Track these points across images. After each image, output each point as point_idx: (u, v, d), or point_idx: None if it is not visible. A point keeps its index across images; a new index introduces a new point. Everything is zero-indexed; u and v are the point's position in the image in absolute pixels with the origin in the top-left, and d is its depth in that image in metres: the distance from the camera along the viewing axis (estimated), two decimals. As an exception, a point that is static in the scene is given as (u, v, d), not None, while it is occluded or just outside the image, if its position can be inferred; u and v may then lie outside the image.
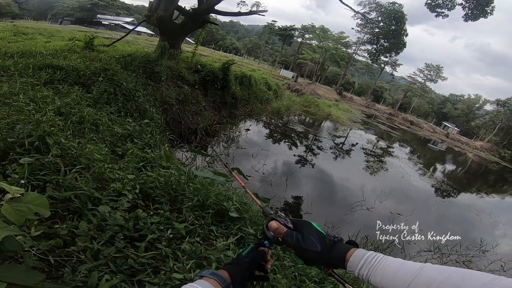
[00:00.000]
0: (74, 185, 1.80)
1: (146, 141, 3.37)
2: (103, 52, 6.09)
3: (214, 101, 9.02)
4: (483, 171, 28.03)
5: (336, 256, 0.67)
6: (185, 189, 2.32)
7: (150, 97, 5.25)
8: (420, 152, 24.02)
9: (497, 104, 49.18)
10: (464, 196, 13.32)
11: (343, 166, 10.61)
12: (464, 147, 40.90)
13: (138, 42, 18.02)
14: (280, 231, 0.75)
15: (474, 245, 6.53)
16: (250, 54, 69.84)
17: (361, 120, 27.65)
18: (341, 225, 5.59)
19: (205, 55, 20.98)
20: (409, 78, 52.96)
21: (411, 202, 8.90)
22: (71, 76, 3.87)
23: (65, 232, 1.48)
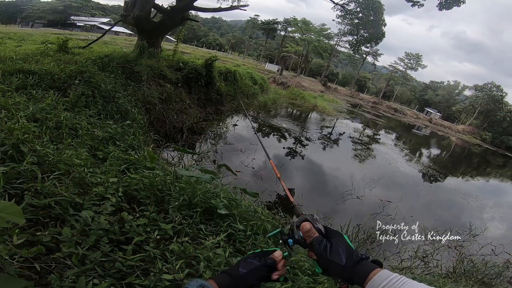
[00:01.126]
0: (53, 191, 1.75)
1: (129, 143, 3.30)
2: (79, 54, 5.87)
3: (198, 98, 8.91)
4: (467, 154, 29.15)
5: (359, 273, 0.64)
6: (171, 189, 2.29)
7: (131, 97, 5.12)
8: (405, 138, 24.69)
9: (475, 89, 51.49)
10: (450, 180, 13.72)
11: (331, 156, 10.74)
12: (447, 131, 42.45)
13: (116, 43, 17.55)
14: (311, 235, 0.72)
15: (464, 229, 6.67)
16: (234, 49, 69.40)
17: (346, 109, 28.08)
18: (332, 215, 5.62)
19: (187, 53, 20.67)
20: (391, 67, 54.62)
21: (399, 188, 9.08)
22: (45, 81, 3.71)
23: (48, 239, 1.45)
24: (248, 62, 40.79)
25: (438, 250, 5.21)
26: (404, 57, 52.54)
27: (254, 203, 3.75)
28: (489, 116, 47.10)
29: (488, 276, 4.46)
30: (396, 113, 43.90)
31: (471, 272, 4.50)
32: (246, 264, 0.72)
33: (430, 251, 5.13)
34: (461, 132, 44.44)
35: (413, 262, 4.67)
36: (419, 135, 30.73)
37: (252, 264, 0.72)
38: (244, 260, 0.74)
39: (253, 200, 3.53)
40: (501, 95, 47.16)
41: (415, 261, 4.71)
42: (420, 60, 51.48)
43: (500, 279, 4.51)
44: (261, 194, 5.39)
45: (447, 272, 4.51)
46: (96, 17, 51.04)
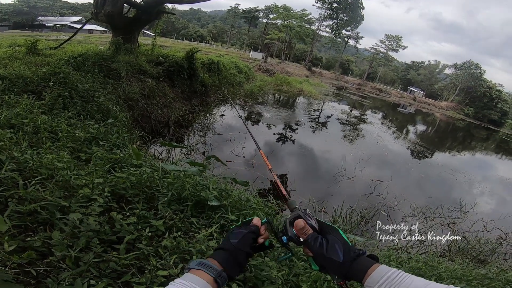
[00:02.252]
0: (38, 196, 1.72)
1: (113, 142, 3.23)
2: (50, 56, 5.64)
3: (182, 91, 8.76)
4: (452, 129, 30.13)
5: (357, 269, 0.63)
6: (160, 186, 2.27)
7: (111, 95, 4.98)
8: (391, 117, 25.17)
9: (455, 68, 53.76)
10: (438, 155, 14.08)
11: (321, 139, 10.83)
12: (431, 108, 43.69)
13: (91, 41, 16.84)
14: (306, 232, 0.70)
15: (455, 206, 6.80)
16: (216, 40, 68.05)
17: (332, 92, 28.26)
18: (325, 198, 5.68)
19: (167, 46, 20.12)
20: (372, 49, 55.98)
21: (389, 167, 9.26)
22: (16, 85, 3.55)
23: (39, 243, 1.44)
24: (231, 52, 40.19)
25: (432, 229, 5.31)
26: (384, 39, 53.96)
27: (247, 191, 3.76)
28: (470, 93, 49.12)
29: (483, 253, 4.50)
30: (381, 93, 44.88)
31: (465, 250, 4.55)
32: (235, 235, 0.73)
33: (424, 230, 5.20)
34: (445, 109, 46.05)
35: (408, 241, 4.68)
36: (405, 113, 31.42)
37: (240, 233, 0.73)
38: (231, 232, 0.75)
39: (245, 189, 3.54)
40: (479, 72, 49.23)
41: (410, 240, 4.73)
42: (400, 42, 53.02)
43: (495, 256, 4.56)
44: (253, 182, 5.40)
45: (443, 251, 4.57)
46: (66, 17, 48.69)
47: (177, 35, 59.24)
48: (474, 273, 2.45)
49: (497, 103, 46.09)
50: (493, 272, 2.51)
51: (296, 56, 56.21)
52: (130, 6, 8.65)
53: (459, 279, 2.21)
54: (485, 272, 2.51)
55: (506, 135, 38.32)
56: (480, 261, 4.32)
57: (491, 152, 22.26)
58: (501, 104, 46.11)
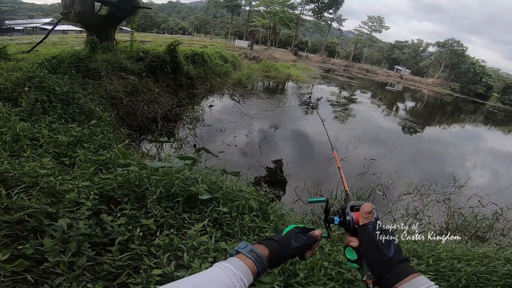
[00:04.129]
0: (24, 205, 1.69)
1: (98, 143, 3.17)
2: (23, 60, 5.42)
3: (167, 85, 8.63)
4: (440, 104, 30.60)
5: (398, 271, 0.59)
6: (148, 184, 2.25)
7: (93, 96, 4.86)
8: (380, 95, 25.33)
9: (438, 46, 54.76)
10: (428, 130, 14.25)
11: (312, 121, 10.81)
12: (418, 85, 44.34)
13: (66, 42, 16.26)
14: (369, 218, 0.69)
15: (449, 181, 6.82)
16: (199, 31, 66.43)
17: (320, 75, 28.16)
18: (320, 181, 5.67)
19: (148, 41, 19.60)
20: (356, 31, 56.79)
21: (381, 145, 9.29)
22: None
23: (32, 251, 1.44)
24: (216, 42, 39.56)
25: (428, 206, 5.33)
26: (367, 21, 55.04)
27: (240, 181, 3.74)
28: (454, 69, 50.64)
29: (481, 230, 4.51)
30: (368, 73, 45.15)
31: (463, 227, 4.57)
32: (298, 239, 0.73)
33: (420, 208, 5.24)
34: (432, 85, 46.98)
35: (406, 220, 4.76)
36: (393, 91, 31.67)
37: (303, 240, 0.74)
38: (295, 235, 0.74)
39: (237, 178, 3.53)
40: (462, 49, 50.75)
41: (407, 219, 4.81)
42: (383, 22, 54.22)
43: (493, 232, 4.58)
44: (247, 170, 5.40)
45: (441, 228, 4.61)
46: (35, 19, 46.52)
47: (158, 30, 57.58)
48: (473, 252, 2.42)
49: (481, 78, 47.65)
50: (492, 250, 2.49)
51: (282, 42, 55.63)
52: (102, 4, 8.33)
53: (457, 259, 2.19)
54: (484, 250, 2.49)
55: (493, 107, 39.40)
56: (478, 238, 4.32)
57: (480, 124, 22.71)
58: (486, 79, 47.66)
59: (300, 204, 4.65)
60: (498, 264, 2.10)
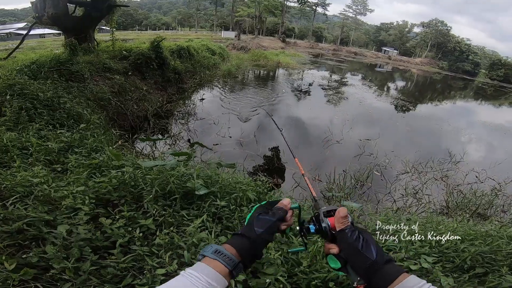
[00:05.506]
0: (21, 214, 1.69)
1: (90, 147, 3.12)
2: (0, 67, 5.26)
3: (155, 82, 8.51)
4: (430, 82, 30.86)
5: (386, 273, 0.57)
6: (143, 184, 2.23)
7: (79, 99, 4.74)
8: (370, 77, 25.36)
9: (422, 26, 55.76)
10: (421, 107, 14.34)
11: (305, 106, 10.82)
12: (407, 65, 44.64)
13: (45, 46, 15.76)
14: (345, 222, 0.66)
15: (445, 157, 6.79)
16: (183, 25, 64.82)
17: (309, 60, 28.03)
18: (318, 166, 5.63)
19: (130, 39, 19.11)
20: (341, 15, 57.97)
21: (375, 125, 9.28)
22: (-31, 104, 3.30)
23: (36, 259, 1.45)
24: (202, 35, 38.81)
25: (427, 184, 5.31)
26: (351, 4, 56.03)
27: (237, 172, 3.71)
28: (441, 48, 51.61)
29: (481, 207, 4.46)
30: (357, 56, 45.27)
31: (463, 204, 4.52)
32: (260, 222, 0.66)
33: (419, 186, 5.21)
34: (420, 64, 47.38)
35: (406, 200, 4.70)
36: (383, 72, 31.75)
37: (266, 220, 0.67)
38: (256, 218, 0.68)
39: (233, 170, 3.52)
40: (446, 29, 52.03)
41: (407, 199, 4.75)
42: (367, 5, 55.83)
43: (493, 209, 4.54)
44: (243, 161, 5.38)
45: (441, 207, 4.56)
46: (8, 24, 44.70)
47: (140, 27, 56.13)
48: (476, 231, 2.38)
49: (468, 56, 48.85)
50: (494, 228, 2.44)
51: (269, 30, 54.93)
52: (76, 5, 8.06)
53: (461, 240, 2.13)
54: (486, 229, 2.44)
55: (481, 83, 39.86)
56: (480, 216, 4.27)
57: (470, 99, 22.95)
58: (472, 56, 48.94)
59: (299, 191, 4.63)
60: (502, 243, 2.06)
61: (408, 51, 58.67)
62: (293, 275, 1.68)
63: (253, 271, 1.64)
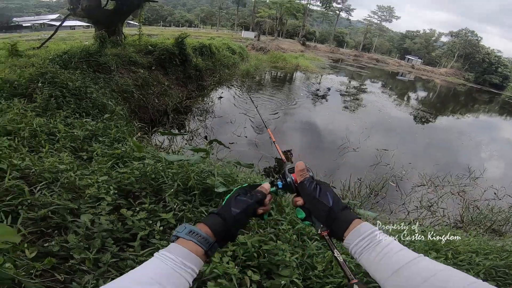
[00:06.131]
0: (47, 201, 1.71)
1: (113, 137, 3.17)
2: (34, 56, 5.45)
3: (177, 78, 8.62)
4: (453, 93, 29.75)
5: (342, 219, 0.61)
6: (164, 177, 2.24)
7: (105, 90, 4.86)
8: (391, 85, 24.72)
9: (451, 35, 53.97)
10: (442, 120, 13.83)
11: (322, 111, 10.66)
12: (431, 75, 43.15)
13: (75, 37, 16.27)
14: (304, 174, 0.70)
15: (464, 172, 6.59)
16: (205, 23, 66.03)
17: (329, 65, 27.70)
18: (332, 172, 5.57)
19: (155, 34, 19.49)
20: (365, 21, 56.86)
21: (393, 135, 9.05)
22: (5, 90, 3.44)
23: (57, 248, 1.45)
24: (223, 33, 39.18)
25: (443, 198, 5.17)
26: (377, 10, 55.10)
27: (253, 172, 3.71)
28: (468, 59, 49.60)
29: (497, 223, 4.36)
30: (378, 63, 44.37)
31: (479, 220, 4.41)
32: (238, 203, 0.66)
33: (434, 200, 5.08)
34: (444, 75, 45.82)
35: (420, 213, 4.60)
36: (404, 81, 30.90)
37: (243, 202, 0.67)
38: (234, 199, 0.68)
39: (251, 170, 3.50)
40: (476, 39, 49.87)
41: (421, 211, 4.65)
42: (393, 12, 54.51)
43: (509, 226, 4.43)
44: (258, 162, 5.39)
45: (455, 221, 4.46)
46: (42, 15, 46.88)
47: (164, 23, 57.62)
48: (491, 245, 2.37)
49: (497, 68, 46.68)
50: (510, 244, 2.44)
51: (289, 32, 54.87)
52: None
53: (475, 253, 2.15)
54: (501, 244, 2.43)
55: (509, 97, 37.98)
56: (494, 232, 4.19)
57: (495, 114, 21.89)
58: (502, 69, 46.72)
59: None
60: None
61: (433, 60, 57.06)
62: (307, 279, 1.65)
63: (267, 272, 1.62)
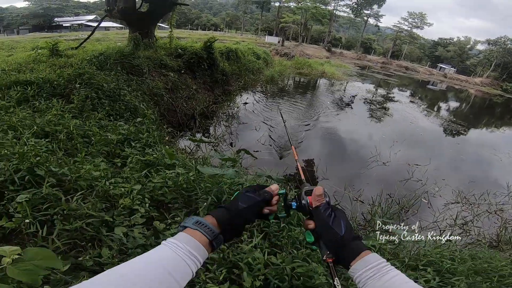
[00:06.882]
0: (82, 212, 1.66)
1: (144, 142, 3.14)
2: (73, 56, 5.65)
3: (204, 82, 8.66)
4: (489, 104, 27.86)
5: (351, 249, 0.62)
6: (196, 188, 2.13)
7: (136, 92, 4.92)
8: (421, 94, 23.63)
9: (488, 43, 50.07)
10: (477, 133, 13.08)
11: (348, 120, 10.29)
12: (464, 84, 40.56)
13: (109, 38, 17.04)
14: (321, 200, 0.70)
15: (501, 190, 6.16)
16: (230, 27, 67.42)
17: (356, 72, 27.05)
18: (360, 186, 5.34)
19: (183, 37, 20.01)
20: (395, 27, 53.93)
21: (425, 149, 8.59)
22: (44, 89, 3.53)
23: (91, 263, 1.39)
24: (247, 38, 39.62)
25: (478, 217, 4.89)
26: (407, 17, 52.11)
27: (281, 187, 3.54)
28: (507, 68, 46.15)
29: None
30: (408, 71, 42.39)
31: None
32: (246, 198, 0.69)
33: (469, 218, 4.82)
34: (480, 85, 42.65)
35: (453, 230, 4.36)
36: (435, 90, 29.33)
37: (251, 198, 0.70)
38: (243, 194, 0.71)
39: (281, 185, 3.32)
40: None
41: (454, 229, 4.41)
42: (425, 19, 51.17)
43: None
44: (282, 172, 5.26)
45: (491, 241, 4.21)
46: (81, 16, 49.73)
47: (191, 26, 59.36)
48: None
49: None
50: None
51: (314, 38, 54.40)
52: (142, 1, 8.51)
53: None
54: None
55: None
56: None
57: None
58: None
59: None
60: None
61: (467, 69, 53.51)
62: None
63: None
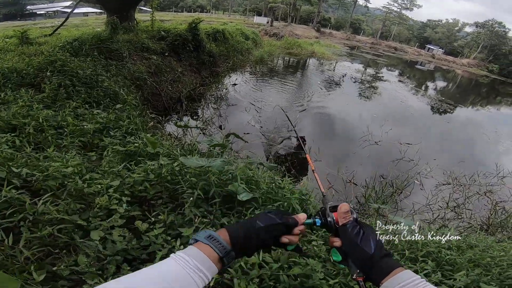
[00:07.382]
0: (51, 217, 1.48)
1: (125, 129, 2.94)
2: (45, 44, 5.30)
3: (190, 64, 8.36)
4: (475, 84, 28.44)
5: (382, 267, 0.58)
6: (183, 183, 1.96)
7: (116, 78, 4.65)
8: (410, 74, 23.75)
9: (476, 26, 50.63)
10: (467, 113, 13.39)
11: (339, 100, 10.25)
12: (452, 65, 40.96)
13: (88, 24, 16.12)
14: (347, 217, 0.67)
15: (490, 171, 6.28)
16: (217, 8, 64.54)
17: (345, 52, 26.84)
18: (353, 167, 5.35)
19: (168, 20, 19.08)
20: (384, 9, 53.56)
21: (416, 128, 8.69)
22: (11, 79, 3.25)
23: (67, 272, 1.26)
24: (235, 19, 38.31)
25: (469, 199, 4.97)
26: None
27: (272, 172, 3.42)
28: (493, 50, 46.62)
29: None
30: (397, 51, 42.27)
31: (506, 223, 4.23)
32: (265, 218, 0.64)
33: (460, 200, 4.90)
34: (467, 65, 43.13)
35: (445, 213, 4.43)
36: (424, 70, 29.48)
37: (271, 219, 0.64)
38: (263, 213, 0.66)
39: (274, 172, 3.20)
40: (504, 31, 46.76)
41: (447, 212, 4.48)
42: (414, 0, 51.31)
43: None
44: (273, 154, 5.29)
45: (482, 224, 4.27)
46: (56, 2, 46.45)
47: (176, 8, 56.56)
48: None
49: None
50: None
51: (303, 18, 52.92)
52: None
53: None
54: None
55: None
56: None
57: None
58: None
59: (331, 192, 4.47)
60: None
61: (455, 50, 53.85)
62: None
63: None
